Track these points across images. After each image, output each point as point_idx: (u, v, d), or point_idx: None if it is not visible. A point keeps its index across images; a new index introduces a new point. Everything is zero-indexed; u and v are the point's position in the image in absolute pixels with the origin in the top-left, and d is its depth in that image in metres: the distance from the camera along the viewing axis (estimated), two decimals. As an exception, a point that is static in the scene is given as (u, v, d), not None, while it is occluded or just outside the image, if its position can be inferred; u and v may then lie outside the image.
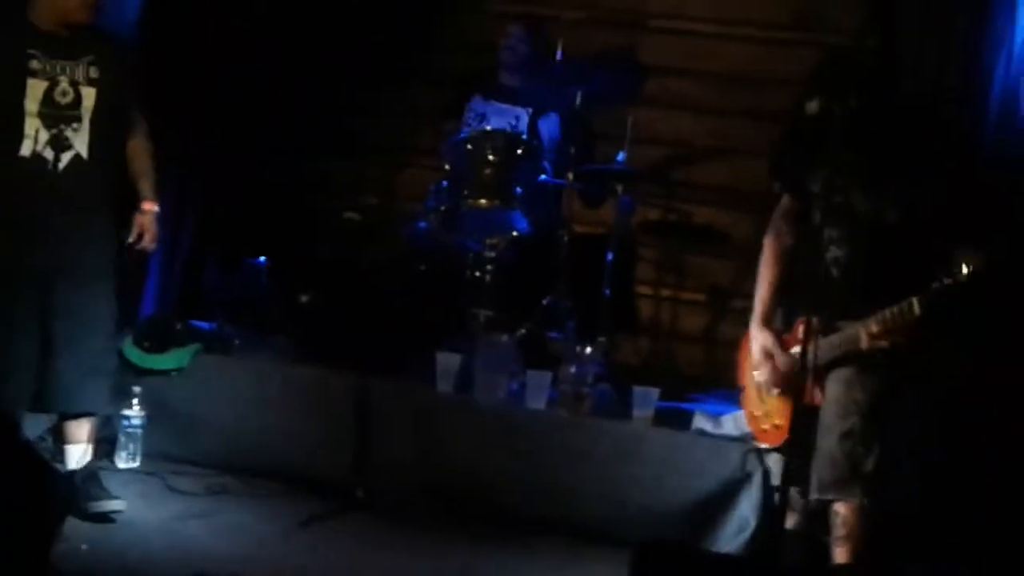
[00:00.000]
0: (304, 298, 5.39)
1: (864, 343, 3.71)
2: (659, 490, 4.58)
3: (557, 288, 5.47)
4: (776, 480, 4.11)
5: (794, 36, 6.11)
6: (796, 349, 3.86)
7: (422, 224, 5.61)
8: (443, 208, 5.49)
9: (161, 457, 4.75)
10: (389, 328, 5.17)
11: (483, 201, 5.37)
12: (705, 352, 6.00)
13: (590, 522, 4.62)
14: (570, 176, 5.56)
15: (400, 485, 4.74)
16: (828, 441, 3.76)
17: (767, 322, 4.04)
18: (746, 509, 4.40)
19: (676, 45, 6.36)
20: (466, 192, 5.38)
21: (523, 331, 5.35)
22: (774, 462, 4.25)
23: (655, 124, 6.14)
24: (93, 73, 4.19)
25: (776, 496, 4.03)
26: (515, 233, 5.44)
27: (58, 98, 4.15)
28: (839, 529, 3.82)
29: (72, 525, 3.96)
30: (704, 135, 6.28)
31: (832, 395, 3.80)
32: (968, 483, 4.30)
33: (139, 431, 4.75)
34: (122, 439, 4.73)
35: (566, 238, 5.52)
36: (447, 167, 5.54)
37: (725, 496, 4.48)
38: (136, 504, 4.38)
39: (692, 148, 6.24)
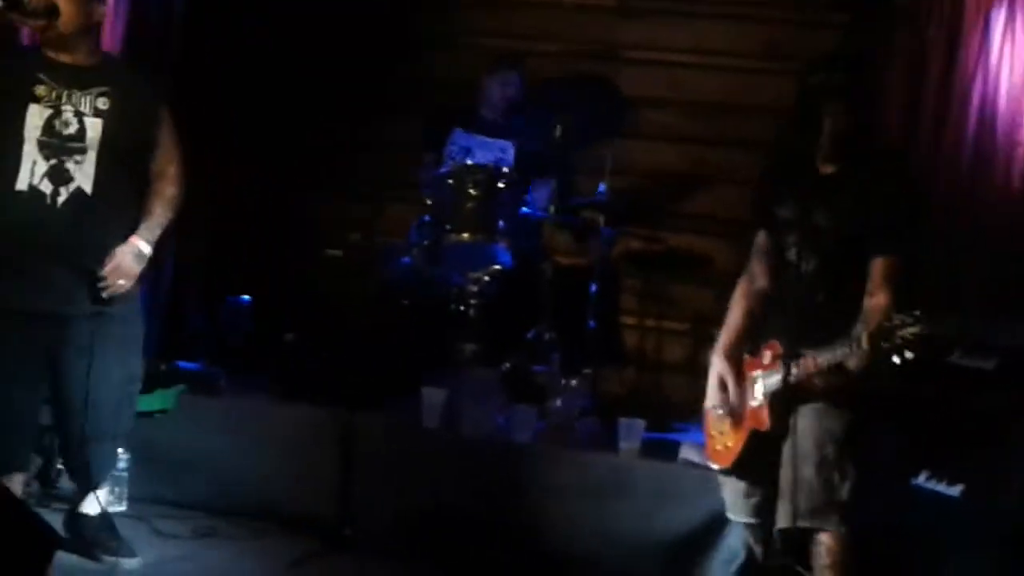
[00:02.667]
0: (289, 336, 5.38)
1: (802, 379, 3.70)
2: (648, 522, 4.57)
3: (541, 320, 5.48)
4: (734, 513, 4.11)
5: (770, 66, 6.16)
6: (756, 372, 3.89)
7: (405, 259, 5.62)
8: (426, 243, 5.51)
9: (147, 500, 4.73)
10: (374, 364, 5.16)
11: (466, 235, 5.39)
12: (690, 381, 5.99)
13: (579, 556, 4.60)
14: (551, 209, 5.58)
15: (387, 522, 4.72)
16: (805, 470, 3.75)
17: (728, 352, 4.04)
18: (734, 539, 4.39)
19: (653, 76, 6.40)
20: (449, 226, 5.40)
21: (508, 365, 5.36)
22: (729, 494, 4.21)
23: (634, 155, 6.18)
24: (102, 104, 3.93)
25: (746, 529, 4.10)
26: (498, 266, 5.45)
27: (60, 128, 3.88)
28: (823, 558, 3.81)
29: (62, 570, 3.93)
30: (683, 164, 6.32)
31: (805, 425, 3.79)
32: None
33: (124, 474, 4.71)
34: (108, 482, 4.69)
35: (549, 270, 5.53)
36: (429, 202, 5.56)
37: (714, 527, 4.47)
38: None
39: (672, 178, 6.27)
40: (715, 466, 4.14)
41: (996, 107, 5.04)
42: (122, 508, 4.70)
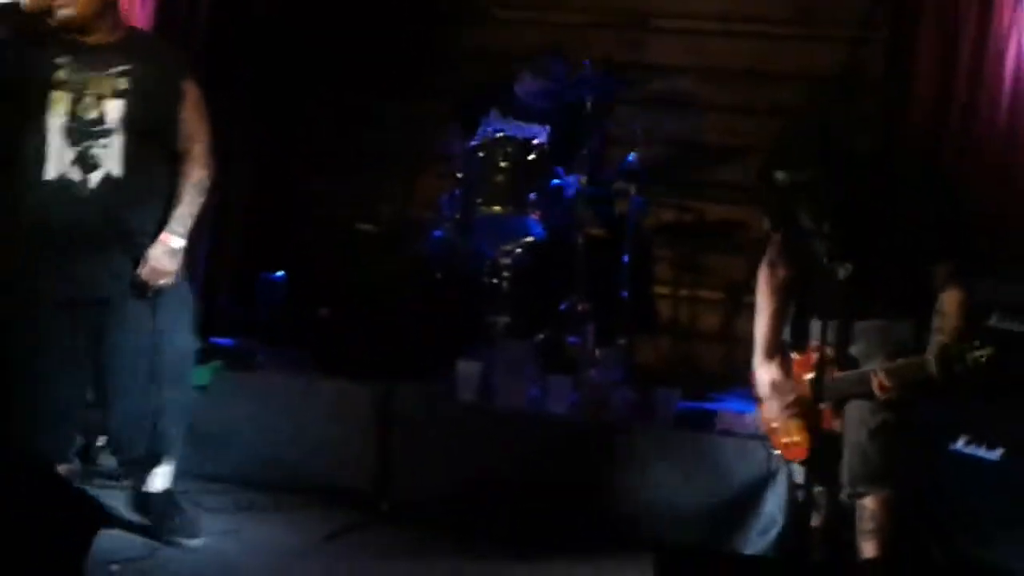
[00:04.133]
0: (323, 311, 5.39)
1: (875, 389, 3.71)
2: (685, 491, 4.58)
3: (574, 291, 5.47)
4: (798, 478, 4.10)
5: (799, 31, 6.11)
6: (809, 376, 3.88)
7: (437, 232, 5.62)
8: (457, 216, 5.50)
9: (187, 475, 4.75)
10: (409, 338, 5.17)
11: (497, 207, 5.39)
12: (725, 350, 5.99)
13: (616, 526, 4.62)
14: (583, 180, 5.56)
15: (424, 495, 4.74)
16: (860, 435, 3.75)
17: (769, 356, 4.04)
18: (772, 508, 4.41)
19: (681, 44, 6.35)
20: (480, 199, 5.39)
21: (542, 336, 5.36)
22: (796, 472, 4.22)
23: (664, 125, 6.14)
24: (122, 84, 3.85)
25: (800, 494, 4.09)
26: (530, 238, 5.44)
27: (81, 112, 3.81)
28: (867, 523, 3.83)
29: (104, 543, 3.95)
30: (713, 133, 6.28)
31: (858, 402, 3.80)
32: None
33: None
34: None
35: (581, 241, 5.52)
36: (460, 175, 5.55)
37: (751, 495, 4.49)
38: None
39: (702, 146, 6.24)
40: (784, 455, 4.15)
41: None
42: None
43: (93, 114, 3.82)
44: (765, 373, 4.04)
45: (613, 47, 6.29)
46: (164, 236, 3.93)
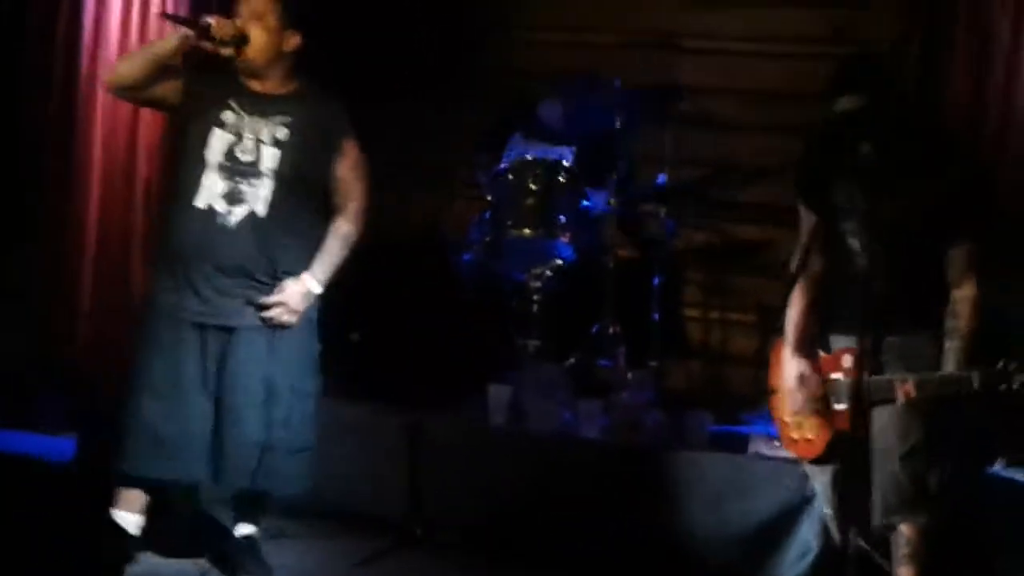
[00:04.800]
0: (354, 335, 5.39)
1: (900, 396, 3.66)
2: (719, 516, 4.54)
3: (605, 314, 5.45)
4: (823, 503, 4.05)
5: (832, 50, 6.06)
6: (837, 376, 3.84)
7: (467, 256, 5.61)
8: (487, 239, 5.49)
9: (218, 502, 4.75)
10: (439, 362, 5.17)
11: (527, 230, 5.38)
12: (757, 373, 5.94)
13: (650, 550, 4.58)
14: (613, 202, 5.54)
15: (457, 520, 4.73)
16: (890, 464, 3.71)
17: (800, 347, 3.99)
18: (807, 533, 4.36)
19: (712, 64, 6.33)
20: (509, 222, 5.39)
21: (572, 360, 5.34)
22: (818, 484, 4.15)
23: (695, 145, 6.12)
24: (280, 134, 4.01)
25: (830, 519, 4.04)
26: (560, 261, 5.43)
27: (239, 154, 3.97)
28: (902, 548, 3.78)
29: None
30: (743, 153, 6.25)
31: (887, 420, 3.75)
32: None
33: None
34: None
35: (611, 264, 5.50)
36: (489, 198, 5.54)
37: (786, 520, 4.45)
38: (197, 551, 4.37)
39: (733, 167, 6.21)
40: (793, 455, 4.09)
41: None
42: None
43: (249, 157, 3.99)
44: (794, 364, 3.98)
45: (643, 68, 6.28)
46: (305, 277, 4.05)
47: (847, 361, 3.80)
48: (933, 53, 5.25)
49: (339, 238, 4.13)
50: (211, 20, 3.91)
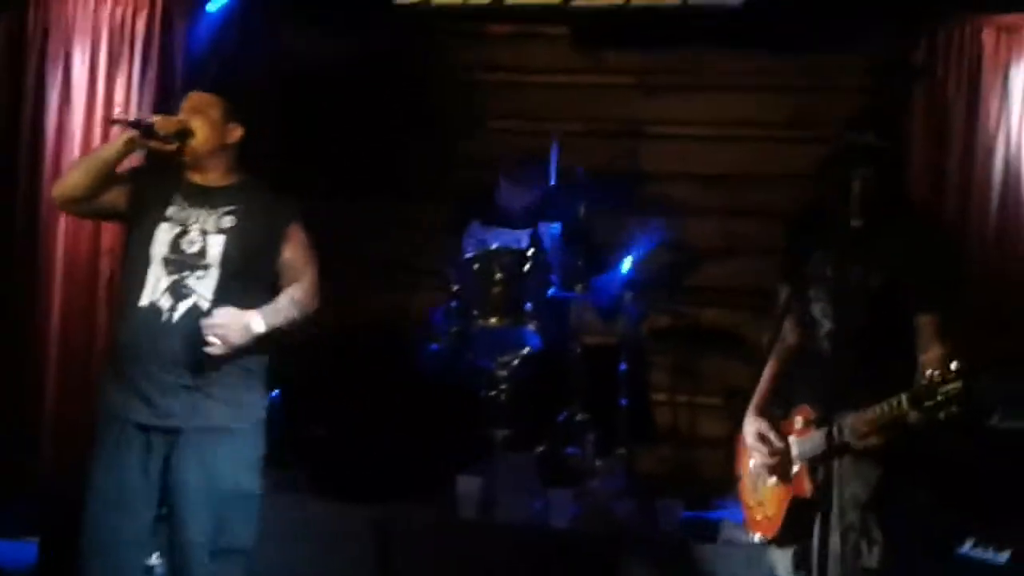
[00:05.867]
0: (319, 431, 5.36)
1: (853, 441, 3.64)
2: (692, 605, 4.52)
3: (572, 401, 5.44)
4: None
5: (791, 134, 6.15)
6: (790, 438, 3.83)
7: (434, 346, 5.61)
8: (454, 329, 5.48)
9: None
10: (407, 455, 5.13)
11: (493, 320, 5.37)
12: (726, 456, 5.93)
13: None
14: (579, 288, 5.55)
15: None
16: (832, 540, 3.68)
17: (761, 410, 3.99)
18: (782, 617, 4.33)
19: (675, 150, 6.40)
20: (476, 312, 5.38)
21: (541, 448, 5.32)
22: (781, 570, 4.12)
23: (657, 229, 6.15)
24: (226, 223, 3.97)
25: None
26: (527, 349, 5.43)
27: (184, 246, 3.92)
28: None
29: None
30: (708, 237, 6.30)
31: (839, 480, 3.73)
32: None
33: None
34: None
35: (578, 350, 5.50)
36: (455, 288, 5.55)
37: (759, 605, 4.41)
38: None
39: (697, 252, 6.25)
40: (757, 537, 4.06)
41: (1021, 166, 5.02)
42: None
43: (195, 248, 3.94)
44: (753, 423, 3.97)
45: (606, 155, 6.34)
46: (251, 311, 3.91)
47: (799, 423, 3.79)
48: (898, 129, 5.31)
49: (290, 297, 4.01)
50: (154, 118, 3.93)
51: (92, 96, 5.58)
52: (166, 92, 5.58)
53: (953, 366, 3.31)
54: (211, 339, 3.83)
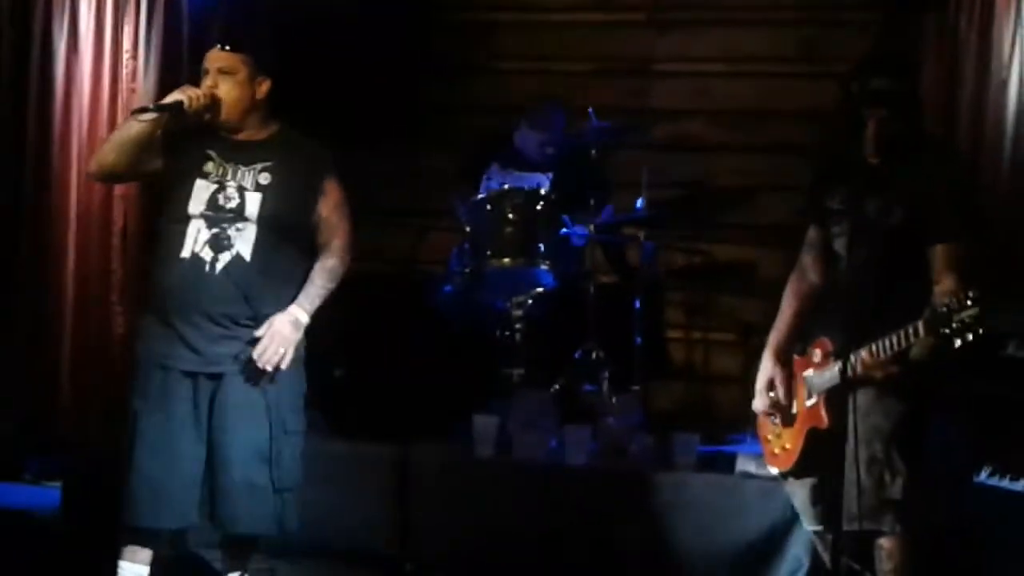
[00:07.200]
0: (338, 372, 5.39)
1: (858, 368, 3.63)
2: (709, 536, 4.54)
3: (588, 340, 5.46)
4: (804, 521, 4.04)
5: (803, 69, 6.11)
6: (808, 372, 3.84)
7: (448, 287, 5.62)
8: (467, 270, 5.49)
9: (204, 544, 4.73)
10: (424, 395, 5.15)
11: (507, 260, 5.38)
12: (741, 392, 5.93)
13: (642, 574, 4.57)
14: (592, 228, 5.55)
15: (447, 553, 4.71)
16: (852, 471, 3.69)
17: (778, 353, 3.98)
18: (798, 549, 4.36)
19: (685, 87, 6.37)
20: (489, 252, 5.39)
21: (557, 387, 5.34)
22: (798, 501, 4.14)
23: (671, 167, 6.14)
24: (263, 179, 4.01)
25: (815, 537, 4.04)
26: (541, 289, 5.44)
27: (222, 202, 3.97)
28: (885, 563, 3.74)
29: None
30: (721, 174, 6.28)
31: (859, 411, 3.72)
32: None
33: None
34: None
35: (592, 289, 5.51)
36: (468, 228, 5.55)
37: (776, 537, 4.44)
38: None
39: (710, 188, 6.23)
40: (775, 470, 4.08)
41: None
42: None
43: (232, 204, 3.99)
44: (767, 367, 3.98)
45: (617, 94, 6.31)
46: (292, 307, 4.04)
47: (817, 356, 3.80)
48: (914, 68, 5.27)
49: (325, 271, 4.11)
50: (182, 97, 3.92)
51: (100, 44, 5.54)
52: (173, 39, 5.56)
53: (970, 293, 3.31)
54: (273, 350, 3.94)
